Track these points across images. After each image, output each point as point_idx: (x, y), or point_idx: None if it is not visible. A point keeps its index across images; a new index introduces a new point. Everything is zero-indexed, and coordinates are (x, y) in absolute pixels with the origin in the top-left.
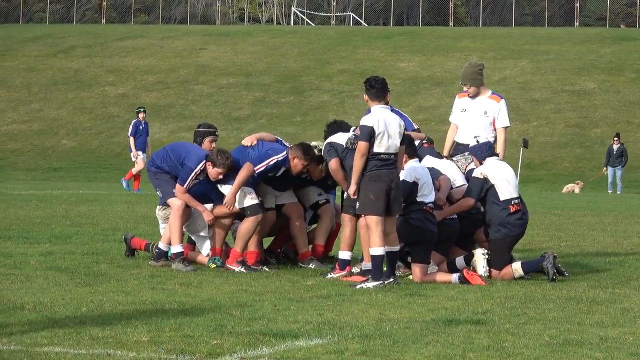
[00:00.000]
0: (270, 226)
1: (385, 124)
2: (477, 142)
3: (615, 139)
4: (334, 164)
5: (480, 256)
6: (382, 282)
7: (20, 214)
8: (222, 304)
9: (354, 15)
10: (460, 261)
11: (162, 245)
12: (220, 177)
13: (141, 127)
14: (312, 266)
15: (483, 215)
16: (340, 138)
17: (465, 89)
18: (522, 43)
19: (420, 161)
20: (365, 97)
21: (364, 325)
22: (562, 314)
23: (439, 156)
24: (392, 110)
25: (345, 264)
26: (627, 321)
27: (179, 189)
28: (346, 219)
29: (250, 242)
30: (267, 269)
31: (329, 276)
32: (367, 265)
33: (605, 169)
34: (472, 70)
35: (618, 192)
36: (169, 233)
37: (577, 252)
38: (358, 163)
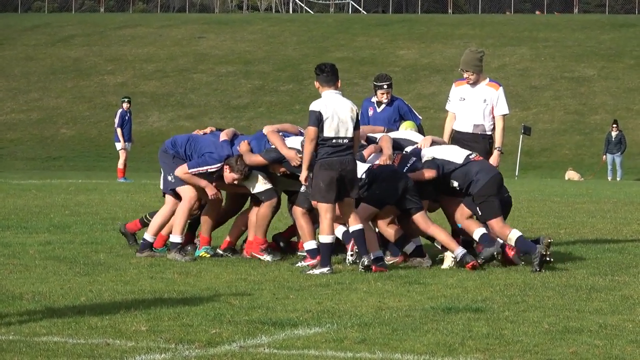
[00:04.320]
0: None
1: (334, 108)
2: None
3: (614, 125)
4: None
5: (449, 257)
6: (329, 268)
7: (19, 203)
8: (220, 293)
9: (353, 3)
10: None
11: (147, 236)
12: (235, 182)
13: (126, 117)
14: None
15: (460, 187)
16: (295, 142)
17: (465, 75)
18: (521, 29)
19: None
20: (316, 83)
21: (362, 314)
22: (561, 301)
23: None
24: (398, 101)
25: (314, 253)
26: (626, 308)
27: (183, 168)
28: (297, 212)
29: (257, 230)
30: (269, 258)
31: (299, 264)
32: (375, 253)
33: (604, 156)
34: (473, 57)
35: (618, 179)
36: (156, 223)
37: (576, 239)
38: (307, 148)
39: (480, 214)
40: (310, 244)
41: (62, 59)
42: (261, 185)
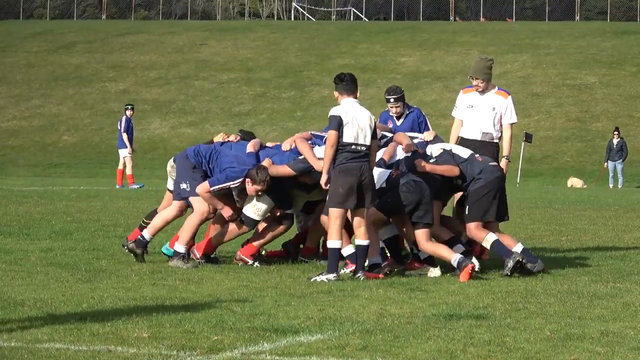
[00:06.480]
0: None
1: (353, 114)
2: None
3: (615, 132)
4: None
5: (434, 271)
6: (336, 274)
7: (21, 210)
8: (222, 300)
9: (355, 10)
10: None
11: (146, 234)
12: (259, 193)
13: (130, 124)
14: (315, 261)
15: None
16: (323, 152)
17: (474, 82)
18: (522, 37)
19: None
20: (336, 93)
21: (364, 320)
22: (562, 308)
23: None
24: (416, 111)
25: (353, 257)
26: (628, 315)
27: (205, 186)
28: (326, 220)
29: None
30: (257, 264)
31: (343, 271)
32: (372, 259)
33: (605, 164)
34: (483, 65)
35: (619, 186)
36: (157, 224)
37: (577, 246)
38: (328, 152)
39: (466, 212)
40: (347, 250)
41: (64, 66)
42: (252, 212)
